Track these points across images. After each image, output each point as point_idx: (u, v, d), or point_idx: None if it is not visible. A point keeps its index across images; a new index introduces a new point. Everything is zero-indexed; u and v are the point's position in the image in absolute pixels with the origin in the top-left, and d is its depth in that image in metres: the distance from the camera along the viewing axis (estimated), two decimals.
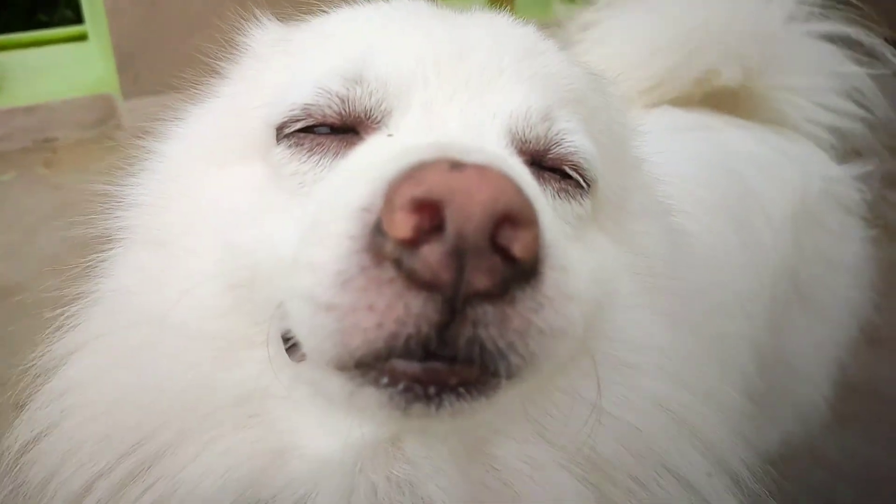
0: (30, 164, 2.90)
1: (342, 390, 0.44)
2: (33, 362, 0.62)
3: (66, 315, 0.63)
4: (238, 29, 0.69)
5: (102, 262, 0.65)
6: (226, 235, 0.55)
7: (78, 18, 3.40)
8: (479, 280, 0.38)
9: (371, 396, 0.42)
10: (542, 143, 0.54)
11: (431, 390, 0.41)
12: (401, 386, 0.41)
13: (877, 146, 1.28)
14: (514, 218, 0.38)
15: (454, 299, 0.38)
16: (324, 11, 0.63)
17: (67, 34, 3.39)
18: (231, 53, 0.69)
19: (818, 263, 1.16)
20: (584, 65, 0.67)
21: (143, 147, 0.68)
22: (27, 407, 0.60)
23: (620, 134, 0.66)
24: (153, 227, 0.61)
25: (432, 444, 0.51)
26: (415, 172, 0.38)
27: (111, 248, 0.65)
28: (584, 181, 0.55)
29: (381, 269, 0.38)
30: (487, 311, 0.39)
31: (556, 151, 0.54)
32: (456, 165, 0.38)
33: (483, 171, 0.38)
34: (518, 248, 0.38)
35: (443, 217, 0.37)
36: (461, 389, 0.41)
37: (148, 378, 0.56)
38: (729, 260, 0.98)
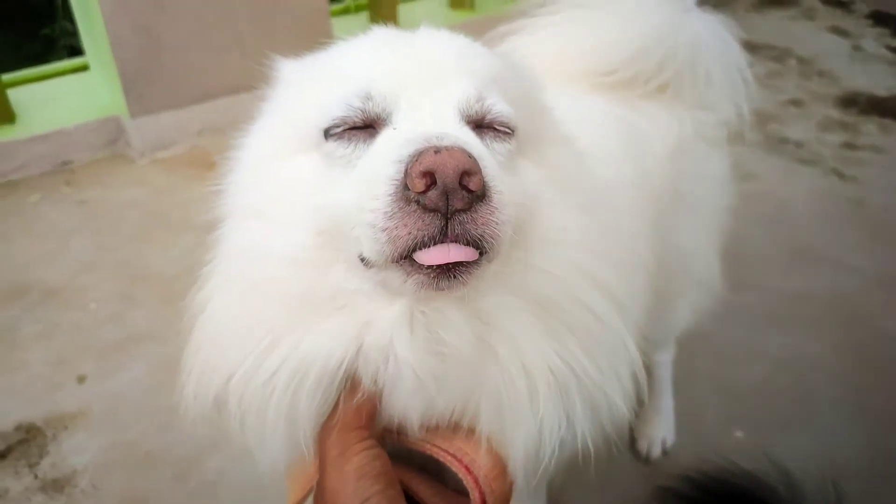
0: (53, 185, 3.18)
1: (398, 278, 0.74)
2: (189, 305, 0.91)
3: (202, 275, 0.92)
4: (267, 63, 0.99)
5: (217, 237, 0.93)
6: (306, 200, 0.83)
7: (74, 30, 3.68)
8: (457, 203, 0.69)
9: (417, 280, 0.72)
10: (479, 114, 0.83)
11: (450, 266, 0.71)
12: (433, 269, 0.71)
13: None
14: (468, 171, 0.69)
15: (446, 214, 0.70)
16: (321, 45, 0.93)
17: (71, 66, 3.66)
18: (267, 83, 0.99)
19: (692, 179, 1.52)
20: (501, 54, 0.97)
21: (229, 159, 0.97)
22: (191, 333, 0.90)
23: (530, 93, 0.95)
24: (249, 205, 0.89)
25: (445, 297, 0.80)
26: (418, 157, 0.69)
27: (220, 228, 0.93)
28: (508, 129, 0.85)
29: (409, 207, 0.70)
30: (464, 218, 0.70)
31: (489, 117, 0.83)
32: (437, 151, 0.69)
33: (451, 150, 0.69)
34: (472, 185, 0.69)
35: (435, 177, 0.68)
36: (463, 267, 0.72)
37: (267, 296, 0.84)
38: (626, 187, 1.28)
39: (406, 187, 0.70)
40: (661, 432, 2.03)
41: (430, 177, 0.68)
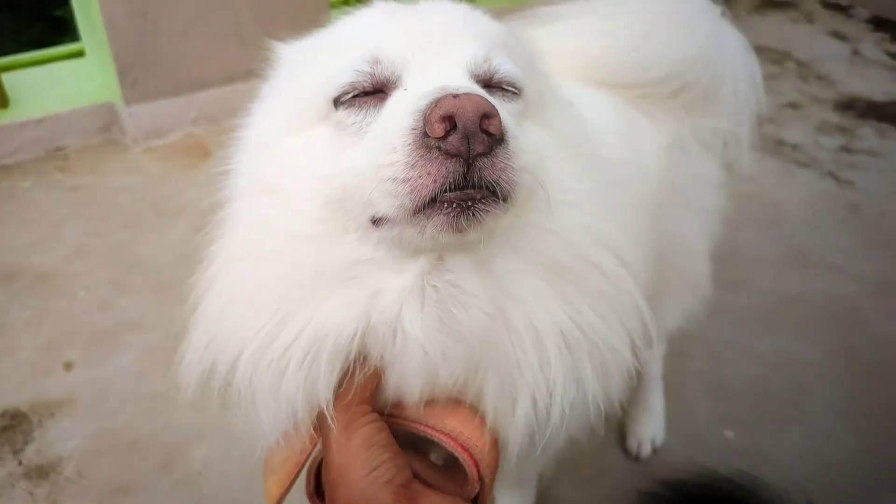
0: (45, 170, 3.14)
1: (415, 228, 0.74)
2: (195, 282, 0.90)
3: (208, 254, 0.91)
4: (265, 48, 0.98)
5: (222, 217, 0.92)
6: (316, 172, 0.83)
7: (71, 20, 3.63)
8: (478, 147, 0.70)
9: (437, 222, 0.73)
10: (487, 73, 0.84)
11: (469, 203, 0.72)
12: (452, 206, 0.72)
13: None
14: (487, 114, 0.70)
15: (468, 159, 0.70)
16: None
17: (67, 52, 3.61)
18: (267, 64, 0.98)
19: (688, 177, 1.51)
20: (503, 23, 0.97)
21: (235, 138, 0.96)
22: (197, 311, 0.89)
23: (532, 59, 0.97)
24: (258, 182, 0.89)
25: (459, 261, 0.81)
26: (437, 103, 0.70)
27: (226, 208, 0.92)
28: (516, 90, 0.86)
29: (430, 154, 0.70)
30: (485, 162, 0.71)
31: (497, 77, 0.85)
32: (455, 96, 0.70)
33: (469, 95, 0.70)
34: (492, 129, 0.70)
35: (455, 121, 0.69)
36: (482, 204, 0.72)
37: (277, 270, 0.83)
38: (625, 168, 1.26)
39: (426, 135, 0.70)
40: (650, 431, 2.01)
41: (450, 121, 0.69)
